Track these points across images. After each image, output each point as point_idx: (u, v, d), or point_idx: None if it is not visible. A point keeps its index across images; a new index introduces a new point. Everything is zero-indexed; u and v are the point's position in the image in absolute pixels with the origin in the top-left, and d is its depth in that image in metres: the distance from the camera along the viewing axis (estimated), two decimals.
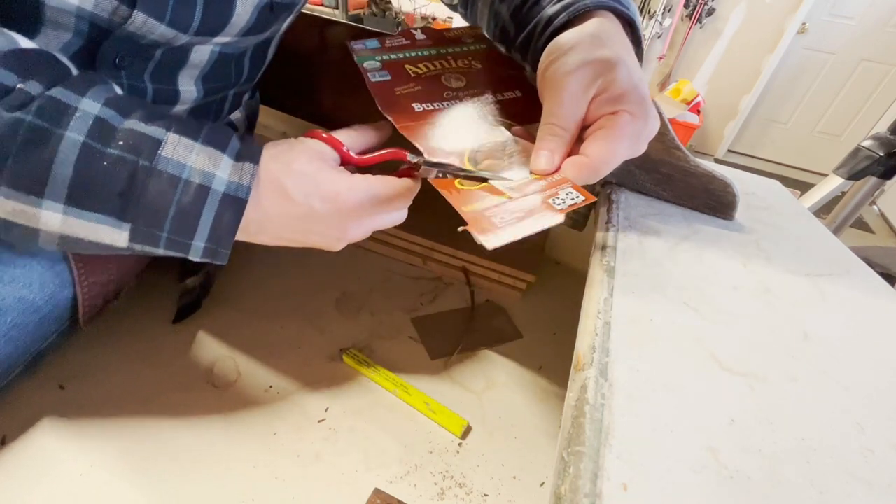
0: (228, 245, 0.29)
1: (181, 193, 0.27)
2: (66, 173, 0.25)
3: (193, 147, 0.28)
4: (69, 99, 0.25)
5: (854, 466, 0.22)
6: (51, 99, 0.25)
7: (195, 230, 0.28)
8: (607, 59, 0.30)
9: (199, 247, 0.29)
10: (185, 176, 0.27)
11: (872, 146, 1.05)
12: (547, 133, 0.31)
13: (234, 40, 0.36)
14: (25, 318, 0.35)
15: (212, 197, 0.28)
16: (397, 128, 0.34)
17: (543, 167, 0.30)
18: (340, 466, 0.37)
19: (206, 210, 0.28)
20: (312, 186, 0.30)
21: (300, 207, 0.30)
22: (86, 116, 0.25)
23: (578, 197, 0.28)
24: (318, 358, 0.46)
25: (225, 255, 0.30)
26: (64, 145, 0.24)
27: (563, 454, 0.21)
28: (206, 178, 0.27)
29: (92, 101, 0.26)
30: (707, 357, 0.27)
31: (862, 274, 0.38)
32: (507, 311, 0.55)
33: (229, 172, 0.28)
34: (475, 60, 0.41)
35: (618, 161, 0.30)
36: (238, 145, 0.29)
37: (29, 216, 0.25)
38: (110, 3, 0.28)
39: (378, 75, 0.38)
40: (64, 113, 0.25)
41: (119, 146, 0.26)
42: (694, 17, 2.92)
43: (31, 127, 0.24)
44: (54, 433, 0.36)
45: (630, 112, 0.30)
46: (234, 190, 0.28)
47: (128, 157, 0.26)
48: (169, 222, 0.27)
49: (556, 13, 0.34)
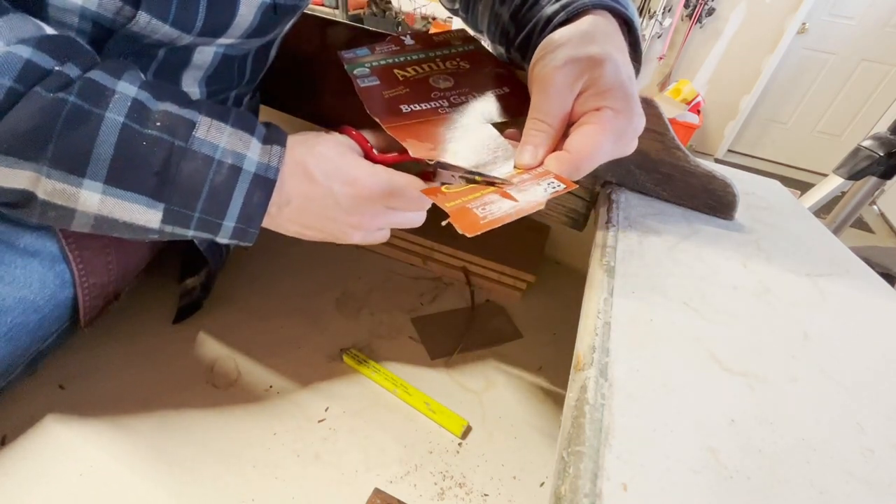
0: (257, 225, 0.30)
1: (214, 173, 0.28)
2: (107, 153, 0.25)
3: (225, 129, 0.29)
4: (107, 81, 0.26)
5: (854, 466, 0.22)
6: (90, 81, 0.25)
7: (226, 210, 0.29)
8: (594, 56, 0.30)
9: (229, 227, 0.30)
10: (217, 156, 0.28)
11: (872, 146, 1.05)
12: (532, 128, 0.31)
13: (237, 42, 0.36)
14: (25, 318, 0.35)
15: (243, 177, 0.29)
16: (385, 128, 0.34)
17: (527, 162, 0.31)
18: (340, 466, 0.37)
19: (237, 190, 0.29)
20: (334, 168, 0.31)
21: (321, 188, 0.31)
22: (124, 98, 0.26)
23: (560, 185, 0.29)
24: (318, 358, 0.46)
25: (253, 236, 0.31)
26: (105, 126, 0.25)
27: (563, 454, 0.21)
28: (237, 158, 0.28)
29: (128, 84, 0.27)
30: (707, 357, 0.27)
31: (862, 274, 0.38)
32: (507, 311, 0.55)
33: (259, 154, 0.29)
34: (463, 61, 0.41)
35: (601, 157, 0.30)
36: (265, 130, 0.31)
37: (69, 196, 0.26)
38: (114, 3, 0.28)
39: (367, 80, 0.38)
40: (103, 95, 0.26)
41: (156, 127, 0.27)
42: (694, 17, 2.92)
43: (74, 108, 0.25)
44: (54, 433, 0.36)
45: (613, 109, 0.30)
46: (264, 171, 0.29)
47: (164, 137, 0.27)
48: (202, 202, 0.28)
49: (555, 12, 0.34)
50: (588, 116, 0.30)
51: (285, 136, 0.31)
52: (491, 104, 0.37)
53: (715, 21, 2.97)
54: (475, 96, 0.38)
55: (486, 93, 0.38)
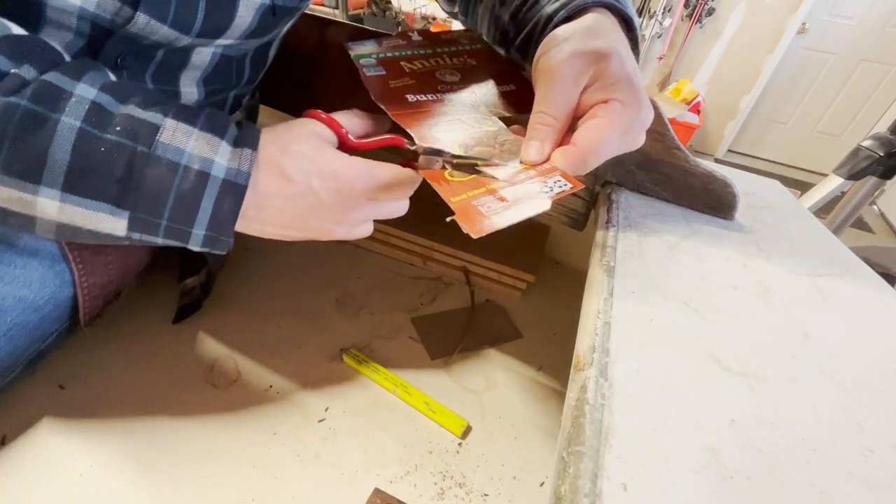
0: (229, 233, 0.29)
1: (181, 180, 0.26)
2: (62, 159, 0.24)
3: (192, 133, 0.27)
4: (64, 84, 0.25)
5: (854, 466, 0.22)
6: (46, 83, 0.24)
7: (195, 218, 0.28)
8: (600, 49, 0.29)
9: (200, 235, 0.28)
10: (184, 162, 0.26)
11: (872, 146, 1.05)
12: (537, 122, 0.30)
13: (236, 43, 0.36)
14: (25, 317, 0.35)
15: (211, 183, 0.27)
16: (390, 115, 0.34)
17: (533, 157, 0.30)
18: (340, 466, 0.37)
19: (205, 197, 0.27)
20: (311, 166, 0.29)
21: (299, 187, 0.29)
22: (82, 101, 0.25)
23: (566, 184, 0.28)
24: (318, 358, 0.46)
25: (226, 244, 0.29)
26: (60, 130, 0.24)
27: (563, 454, 0.21)
28: (205, 164, 0.27)
29: (87, 87, 0.25)
30: (707, 357, 0.27)
31: (862, 274, 0.38)
32: (507, 311, 0.55)
33: (228, 158, 0.28)
34: (470, 58, 0.41)
35: (608, 150, 0.29)
36: (236, 132, 0.29)
37: (25, 203, 0.25)
38: (113, 4, 0.28)
39: (373, 70, 0.38)
40: (59, 98, 0.24)
41: (116, 132, 0.25)
42: (694, 17, 2.92)
43: (27, 111, 0.23)
44: (54, 433, 0.36)
45: (621, 101, 0.29)
46: (234, 176, 0.28)
47: (125, 142, 0.25)
48: (168, 210, 0.27)
49: (555, 11, 0.34)
50: (595, 109, 0.30)
51: (258, 136, 0.29)
52: (497, 99, 0.37)
53: (715, 21, 2.97)
54: (482, 91, 0.38)
55: (493, 89, 0.38)
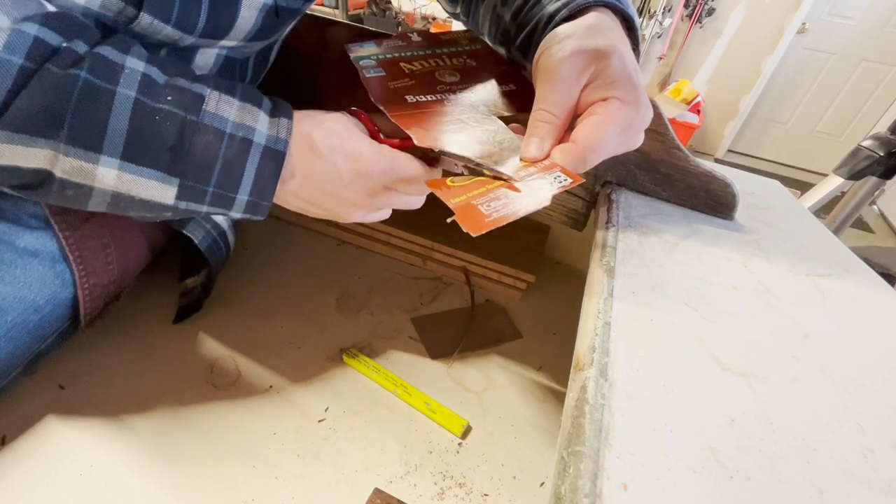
0: (270, 197, 0.31)
1: (226, 147, 0.28)
2: (121, 128, 0.25)
3: (233, 103, 0.29)
4: (116, 57, 0.26)
5: (854, 466, 0.22)
6: (99, 56, 0.25)
7: (239, 183, 0.29)
8: (601, 48, 0.29)
9: (243, 200, 0.30)
10: (228, 130, 0.28)
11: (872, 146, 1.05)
12: (537, 119, 0.31)
13: (240, 45, 0.36)
14: (25, 317, 0.35)
15: (254, 150, 0.29)
16: (389, 117, 0.34)
17: (533, 154, 0.30)
18: (340, 466, 0.37)
19: (249, 163, 0.29)
20: (339, 142, 0.31)
21: (325, 162, 0.31)
22: (134, 73, 0.26)
23: (566, 179, 0.28)
24: (318, 358, 0.46)
25: (266, 209, 0.31)
26: (118, 101, 0.25)
27: (563, 454, 0.21)
28: (247, 131, 0.29)
29: (137, 59, 0.27)
30: (707, 357, 0.27)
31: (862, 274, 0.38)
32: (507, 311, 0.55)
33: (268, 126, 0.29)
34: (470, 59, 0.41)
35: (608, 148, 0.30)
36: (271, 104, 0.31)
37: (86, 173, 0.26)
38: (117, 3, 0.28)
39: (373, 71, 0.38)
40: (113, 70, 0.25)
41: (168, 101, 0.27)
42: (694, 17, 2.92)
43: (86, 83, 0.24)
44: (54, 433, 0.36)
45: (621, 99, 0.29)
46: (274, 143, 0.29)
47: (176, 111, 0.27)
48: (215, 176, 0.28)
49: (557, 10, 0.34)
50: (595, 107, 0.30)
51: (291, 109, 0.31)
52: (497, 99, 0.37)
53: (715, 21, 2.96)
54: (482, 91, 0.38)
55: (492, 88, 0.38)
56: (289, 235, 0.61)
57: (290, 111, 0.31)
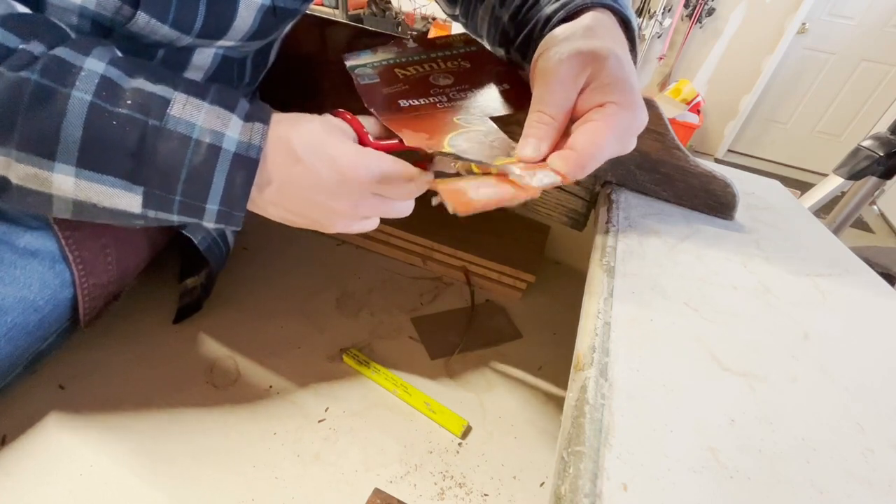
0: (242, 208, 0.29)
1: (192, 153, 0.26)
2: (75, 134, 0.24)
3: (202, 106, 0.27)
4: (73, 58, 0.25)
5: (854, 466, 0.22)
6: (54, 58, 0.24)
7: (208, 192, 0.27)
8: (598, 50, 0.29)
9: (213, 210, 0.28)
10: (195, 135, 0.26)
11: (872, 146, 1.05)
12: (535, 120, 0.30)
13: (237, 44, 0.36)
14: (25, 318, 0.35)
15: (223, 157, 0.27)
16: (380, 120, 0.34)
17: (530, 155, 0.30)
18: (340, 466, 0.37)
19: (217, 171, 0.27)
20: (320, 147, 0.29)
21: (303, 168, 0.29)
22: (91, 75, 0.25)
23: (555, 177, 0.28)
24: (318, 358, 0.46)
25: (239, 220, 0.29)
26: (72, 105, 0.24)
27: (563, 454, 0.21)
28: (215, 137, 0.27)
29: (96, 61, 0.25)
30: (707, 357, 0.27)
31: (862, 274, 0.38)
32: (507, 311, 0.55)
33: (239, 132, 0.27)
34: (464, 61, 0.41)
35: (606, 154, 0.29)
36: (247, 106, 0.29)
37: (41, 180, 0.25)
38: (113, 2, 0.28)
39: (367, 79, 0.38)
40: (69, 72, 0.24)
41: (127, 105, 0.25)
42: (694, 17, 2.92)
43: (37, 86, 0.24)
44: (54, 433, 0.36)
45: (618, 103, 0.29)
46: (245, 150, 0.27)
47: (137, 116, 0.25)
48: (181, 184, 0.27)
49: (555, 11, 0.34)
50: (592, 113, 0.30)
51: (270, 112, 0.29)
52: (491, 99, 0.37)
53: (715, 21, 2.96)
54: (475, 92, 0.38)
55: (487, 89, 0.38)
56: (289, 235, 0.61)
57: (268, 115, 0.29)
